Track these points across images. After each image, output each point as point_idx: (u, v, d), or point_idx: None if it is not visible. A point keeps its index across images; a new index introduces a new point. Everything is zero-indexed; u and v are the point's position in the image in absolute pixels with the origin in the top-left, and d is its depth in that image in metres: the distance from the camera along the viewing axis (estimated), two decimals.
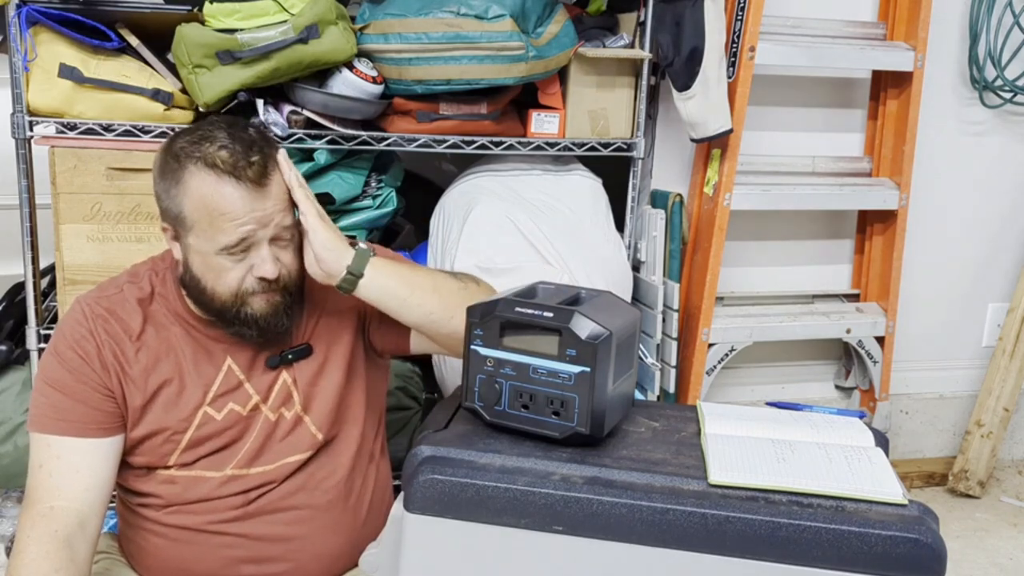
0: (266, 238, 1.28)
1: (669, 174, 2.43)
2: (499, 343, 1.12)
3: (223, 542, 1.35)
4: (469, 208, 2.00)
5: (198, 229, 1.26)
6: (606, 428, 1.11)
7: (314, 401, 1.40)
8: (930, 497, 2.66)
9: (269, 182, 1.27)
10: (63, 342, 1.32)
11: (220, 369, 1.36)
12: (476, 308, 1.14)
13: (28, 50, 1.79)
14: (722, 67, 2.19)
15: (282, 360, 1.38)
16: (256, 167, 1.25)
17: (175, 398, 1.34)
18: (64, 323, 1.35)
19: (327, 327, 1.43)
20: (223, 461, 1.36)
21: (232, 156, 1.24)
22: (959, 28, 2.58)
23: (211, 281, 1.29)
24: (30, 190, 1.88)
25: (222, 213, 1.24)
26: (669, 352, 2.26)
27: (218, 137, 1.26)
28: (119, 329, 1.33)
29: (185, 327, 1.36)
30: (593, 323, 1.08)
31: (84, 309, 1.34)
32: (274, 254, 1.29)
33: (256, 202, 1.25)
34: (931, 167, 2.61)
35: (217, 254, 1.27)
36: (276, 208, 1.28)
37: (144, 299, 1.36)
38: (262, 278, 1.28)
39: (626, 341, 1.17)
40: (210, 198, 1.24)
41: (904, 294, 2.55)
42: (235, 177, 1.24)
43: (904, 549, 0.94)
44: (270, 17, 1.82)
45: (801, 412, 1.24)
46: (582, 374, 1.08)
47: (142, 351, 1.34)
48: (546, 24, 1.99)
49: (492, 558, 1.03)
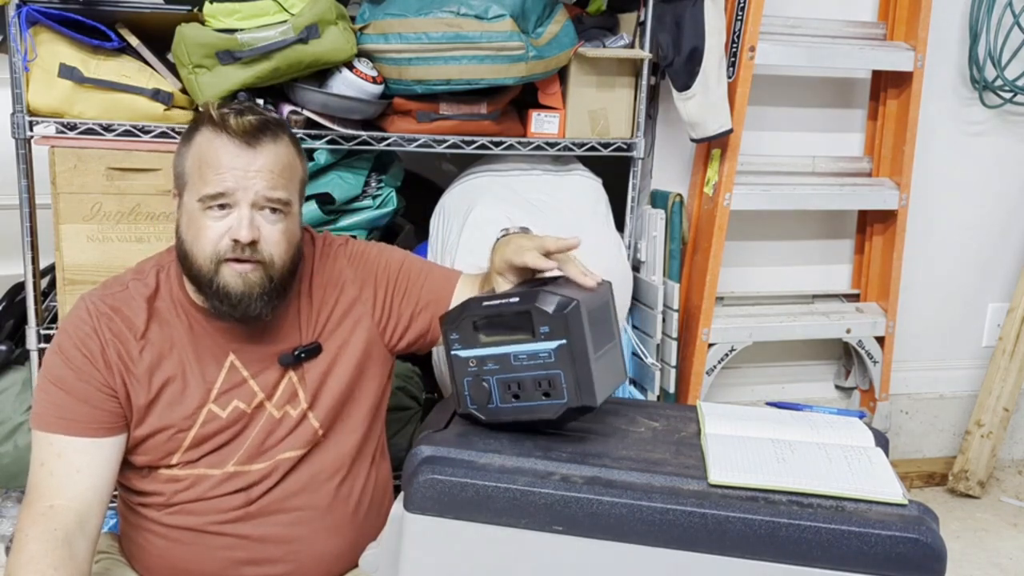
0: (246, 200, 1.27)
1: (669, 174, 2.43)
2: (476, 341, 1.13)
3: (223, 543, 1.35)
4: (469, 208, 2.00)
5: (190, 182, 1.30)
6: (598, 396, 1.11)
7: (320, 398, 1.40)
8: (930, 497, 2.66)
9: (260, 145, 1.29)
10: (67, 340, 1.32)
11: (223, 366, 1.36)
12: (447, 315, 1.16)
13: (28, 50, 1.79)
14: (722, 67, 2.19)
15: (295, 359, 1.38)
16: (247, 124, 1.28)
17: (179, 396, 1.34)
18: (68, 321, 1.35)
19: (337, 325, 1.43)
20: (224, 458, 1.36)
21: (230, 111, 1.30)
22: (959, 28, 2.58)
23: (191, 239, 1.30)
24: (30, 190, 1.88)
25: (208, 163, 1.28)
26: (669, 352, 2.26)
27: (234, 104, 1.35)
28: (123, 327, 1.33)
29: (189, 320, 1.36)
30: (558, 296, 1.09)
31: (89, 307, 1.34)
32: (256, 223, 1.28)
33: (240, 158, 1.27)
34: (931, 167, 2.61)
35: (200, 210, 1.28)
36: (263, 172, 1.28)
37: (150, 296, 1.36)
38: (236, 240, 1.27)
39: (599, 310, 1.16)
40: (202, 150, 1.29)
41: (904, 294, 2.55)
42: (226, 131, 1.28)
43: (904, 549, 0.94)
44: (270, 17, 1.82)
45: (801, 412, 1.24)
46: (560, 348, 1.08)
47: (146, 349, 1.33)
48: (546, 24, 1.99)
49: (492, 558, 1.03)
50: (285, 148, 1.32)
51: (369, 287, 1.46)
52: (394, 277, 1.47)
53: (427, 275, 1.49)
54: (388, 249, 1.53)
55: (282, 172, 1.31)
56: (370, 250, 1.50)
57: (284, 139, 1.33)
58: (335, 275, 1.45)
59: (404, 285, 1.47)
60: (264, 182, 1.28)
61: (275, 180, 1.29)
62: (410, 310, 1.46)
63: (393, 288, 1.46)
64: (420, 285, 1.47)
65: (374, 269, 1.47)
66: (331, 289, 1.44)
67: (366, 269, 1.47)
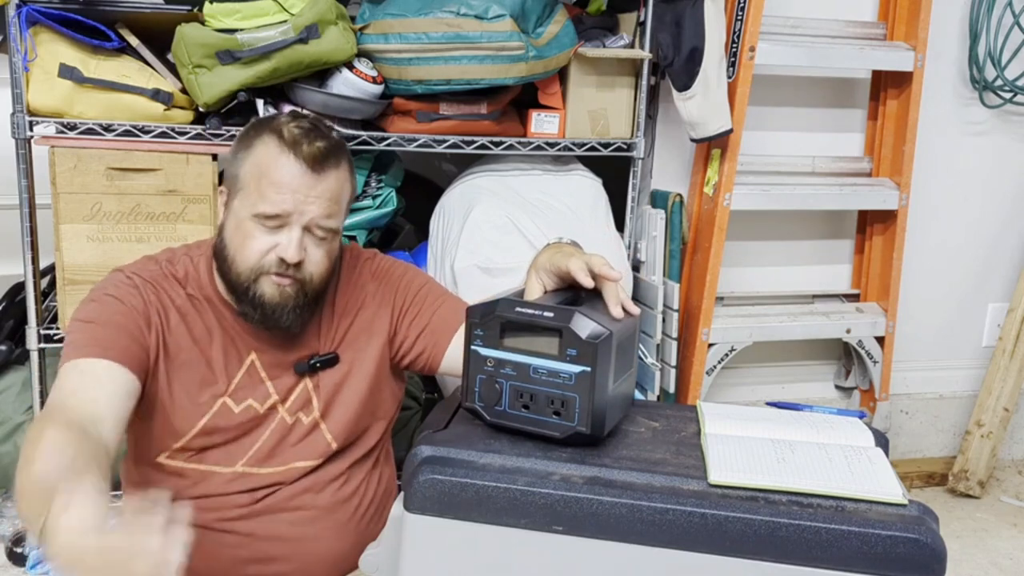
0: (300, 223, 1.29)
1: (669, 174, 2.43)
2: (499, 343, 1.12)
3: (228, 541, 1.35)
4: (469, 208, 2.00)
5: (245, 191, 1.30)
6: (607, 428, 1.11)
7: (333, 409, 1.40)
8: (930, 497, 2.66)
9: (324, 172, 1.29)
10: (106, 291, 1.30)
11: (243, 363, 1.37)
12: (476, 308, 1.14)
13: (28, 50, 1.79)
14: (722, 67, 2.19)
15: (310, 368, 1.39)
16: (316, 150, 1.29)
17: (198, 380, 1.34)
18: (106, 283, 1.33)
19: (355, 338, 1.44)
20: (234, 457, 1.36)
21: (300, 132, 1.30)
22: (959, 28, 2.58)
23: (236, 246, 1.30)
24: (30, 190, 1.88)
25: (270, 180, 1.28)
26: (669, 352, 2.26)
27: (298, 119, 1.34)
28: (165, 297, 1.34)
29: (216, 315, 1.37)
30: (593, 323, 1.08)
31: (129, 275, 1.34)
32: (303, 242, 1.30)
33: (303, 182, 1.28)
34: (931, 167, 2.61)
35: (251, 220, 1.28)
36: (321, 200, 1.29)
37: (181, 279, 1.37)
38: (282, 259, 1.28)
39: (626, 340, 1.17)
40: (265, 162, 1.29)
41: (904, 294, 2.55)
42: (293, 151, 1.28)
43: (904, 549, 0.94)
44: (270, 17, 1.82)
45: (801, 412, 1.24)
46: (583, 374, 1.08)
47: (180, 325, 1.34)
48: (546, 24, 1.99)
49: (492, 558, 1.03)
50: (344, 175, 1.34)
51: (388, 304, 1.47)
52: (411, 298, 1.48)
53: (442, 303, 1.49)
54: (413, 270, 1.54)
55: (338, 200, 1.32)
56: (395, 269, 1.52)
57: (344, 165, 1.34)
58: (359, 289, 1.46)
59: (418, 307, 1.47)
60: (321, 209, 1.29)
61: (331, 208, 1.31)
62: (416, 332, 1.46)
63: (408, 307, 1.47)
64: (432, 311, 1.47)
65: (395, 287, 1.48)
66: (353, 303, 1.45)
67: (388, 287, 1.48)
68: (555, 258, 1.23)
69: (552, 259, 1.24)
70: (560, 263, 1.22)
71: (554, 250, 1.27)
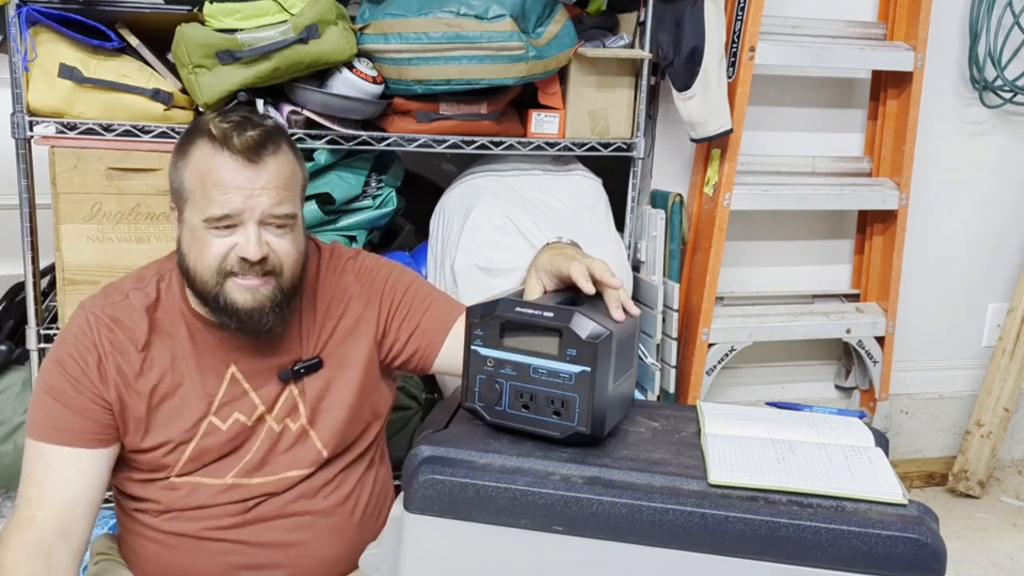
0: (253, 219, 1.25)
1: (669, 174, 2.43)
2: (499, 343, 1.12)
3: (221, 548, 1.34)
4: (469, 208, 2.00)
5: (192, 199, 1.27)
6: (607, 428, 1.11)
7: (321, 416, 1.38)
8: (930, 497, 2.66)
9: (263, 160, 1.26)
10: (65, 350, 1.31)
11: (223, 378, 1.35)
12: (476, 308, 1.14)
13: (28, 50, 1.79)
14: (722, 67, 2.19)
15: (294, 374, 1.37)
16: (249, 140, 1.25)
17: (179, 408, 1.33)
18: (68, 330, 1.33)
19: (340, 341, 1.41)
20: (224, 469, 1.35)
21: (229, 126, 1.26)
22: (959, 28, 2.58)
23: (195, 256, 1.27)
24: (30, 190, 1.88)
25: (212, 182, 1.24)
26: (669, 352, 2.26)
27: (226, 114, 1.29)
28: (124, 338, 1.32)
29: (190, 331, 1.34)
30: (593, 323, 1.08)
31: (89, 317, 1.32)
32: (263, 238, 1.26)
33: (245, 176, 1.24)
34: (931, 167, 2.61)
35: (203, 226, 1.25)
36: (268, 190, 1.25)
37: (150, 306, 1.34)
38: (244, 259, 1.25)
39: (626, 341, 1.17)
40: (203, 166, 1.26)
41: (904, 294, 2.55)
42: (227, 147, 1.24)
43: (904, 549, 0.94)
44: (270, 17, 1.82)
45: (801, 412, 1.24)
46: (583, 374, 1.08)
47: (147, 362, 1.32)
48: (546, 24, 1.99)
49: (492, 558, 1.03)
50: (286, 159, 1.30)
51: (374, 304, 1.44)
52: (399, 298, 1.45)
53: (432, 303, 1.46)
54: (399, 269, 1.51)
55: (286, 186, 1.29)
56: (380, 267, 1.48)
57: (284, 148, 1.30)
58: (341, 290, 1.44)
59: (407, 307, 1.45)
60: (269, 199, 1.26)
61: (280, 195, 1.27)
62: (408, 333, 1.44)
63: (396, 308, 1.45)
64: (423, 311, 1.45)
65: (381, 287, 1.45)
66: (336, 304, 1.42)
67: (373, 286, 1.45)
68: (556, 260, 1.22)
69: (553, 261, 1.23)
70: (561, 267, 1.21)
71: (555, 251, 1.26)
